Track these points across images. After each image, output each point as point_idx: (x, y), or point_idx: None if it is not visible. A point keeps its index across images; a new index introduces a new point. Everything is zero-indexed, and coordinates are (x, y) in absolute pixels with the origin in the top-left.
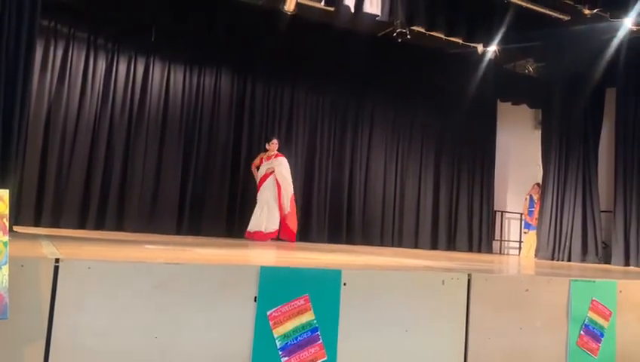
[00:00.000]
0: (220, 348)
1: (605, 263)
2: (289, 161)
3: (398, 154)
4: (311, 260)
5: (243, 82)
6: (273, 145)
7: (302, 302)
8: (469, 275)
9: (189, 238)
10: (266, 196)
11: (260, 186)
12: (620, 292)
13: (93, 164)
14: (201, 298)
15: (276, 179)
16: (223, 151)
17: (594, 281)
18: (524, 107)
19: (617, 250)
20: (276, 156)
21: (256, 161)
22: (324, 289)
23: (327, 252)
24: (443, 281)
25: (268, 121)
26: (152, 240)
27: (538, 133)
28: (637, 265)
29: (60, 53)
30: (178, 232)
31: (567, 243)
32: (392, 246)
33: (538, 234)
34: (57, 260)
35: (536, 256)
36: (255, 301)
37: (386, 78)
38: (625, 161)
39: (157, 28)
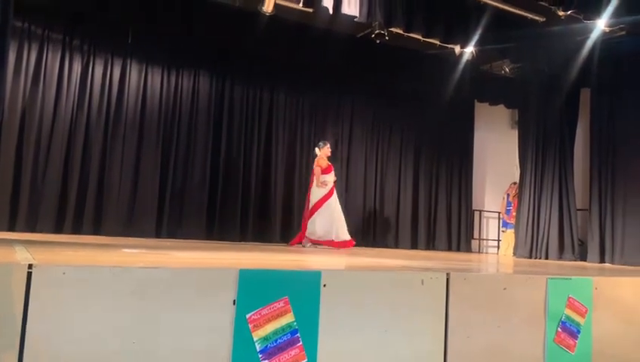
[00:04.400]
0: (199, 353)
1: (581, 260)
2: (269, 162)
3: (378, 154)
4: (291, 262)
5: (221, 84)
6: (329, 149)
7: (281, 304)
8: (447, 275)
9: (169, 241)
10: (338, 204)
11: (331, 195)
12: (596, 289)
13: (69, 167)
14: (179, 302)
15: (334, 187)
16: (201, 153)
17: (570, 279)
18: (501, 107)
19: (593, 248)
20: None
21: (324, 163)
22: (304, 290)
23: (308, 253)
24: (422, 281)
25: (247, 122)
26: (130, 243)
27: (515, 133)
28: (612, 262)
29: (34, 54)
30: (157, 235)
31: (545, 241)
32: (373, 246)
33: (516, 233)
34: (30, 266)
35: (514, 254)
36: (234, 304)
37: (365, 78)
38: (600, 160)
39: (133, 29)
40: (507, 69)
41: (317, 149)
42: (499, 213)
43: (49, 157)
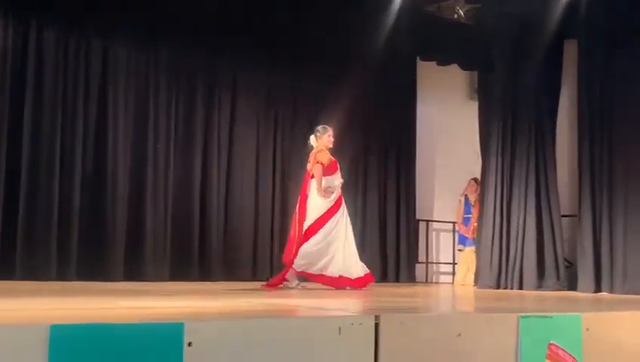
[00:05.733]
0: None
1: (569, 289)
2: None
3: (277, 141)
4: (137, 310)
5: (23, 29)
6: (331, 136)
7: None
8: (376, 318)
9: None
10: (349, 221)
11: (338, 209)
12: (587, 330)
13: None
14: None
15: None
16: None
17: (551, 316)
18: (454, 69)
19: (584, 270)
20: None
21: (325, 159)
22: (157, 353)
23: (165, 295)
24: (339, 329)
25: (66, 89)
26: None
27: (475, 106)
28: (611, 290)
29: None
30: None
31: (518, 264)
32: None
33: (477, 252)
34: None
35: (475, 283)
36: None
37: (257, 29)
38: (591, 144)
39: None
40: (461, 12)
41: (313, 137)
42: (454, 223)
43: None
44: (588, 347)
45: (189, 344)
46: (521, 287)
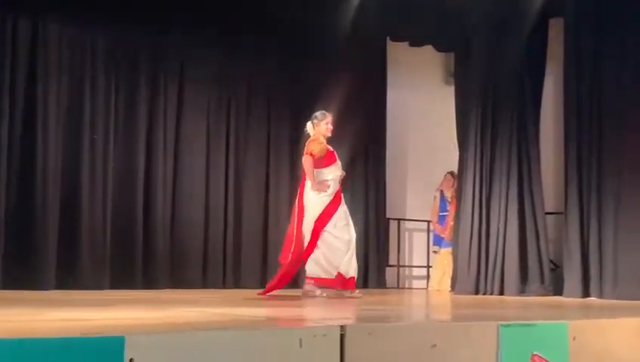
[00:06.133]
0: None
1: (555, 294)
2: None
3: (230, 132)
4: (71, 322)
5: None
6: (329, 124)
7: None
8: (342, 329)
9: None
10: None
11: (338, 205)
12: (574, 339)
13: None
14: None
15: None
16: None
17: (534, 325)
18: (428, 50)
19: (572, 273)
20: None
21: (318, 150)
22: None
23: (105, 305)
24: (300, 341)
25: None
26: None
27: (451, 92)
28: (600, 295)
29: None
30: None
31: (499, 266)
32: (222, 287)
33: (454, 254)
34: None
35: (451, 288)
36: None
37: (208, 4)
38: (580, 131)
39: None
40: None
41: (310, 125)
42: (428, 222)
43: None
44: (575, 358)
45: (131, 360)
46: (502, 293)
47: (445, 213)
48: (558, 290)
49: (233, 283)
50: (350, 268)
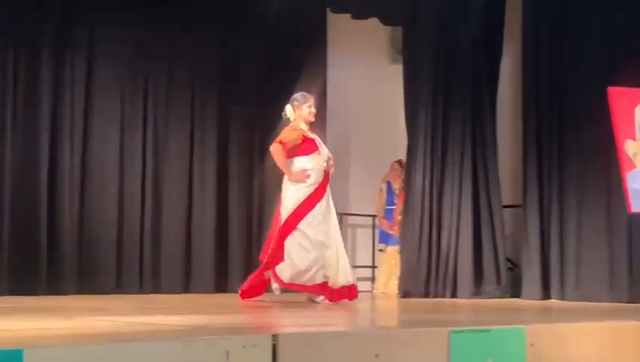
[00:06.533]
0: None
1: (512, 296)
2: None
3: (147, 117)
4: None
5: None
6: (312, 108)
7: None
8: (274, 338)
9: None
10: (334, 217)
11: (322, 195)
12: (532, 346)
13: None
14: None
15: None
16: None
17: (489, 330)
18: (373, 24)
19: (531, 272)
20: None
21: (292, 142)
22: None
23: (2, 314)
24: (227, 353)
25: None
26: None
27: (399, 71)
28: (562, 297)
29: None
30: None
31: (451, 266)
32: (139, 292)
33: (402, 253)
34: None
35: (399, 291)
36: None
37: None
38: (539, 115)
39: None
40: None
41: (289, 108)
42: (374, 217)
43: None
44: None
45: None
46: (454, 295)
47: (392, 207)
48: (515, 292)
49: (152, 288)
50: (339, 275)
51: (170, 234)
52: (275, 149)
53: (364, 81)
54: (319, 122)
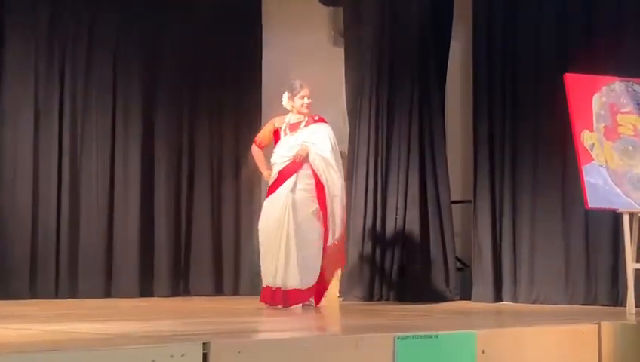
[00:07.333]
0: None
1: (462, 298)
2: None
3: (64, 101)
4: None
5: None
6: (305, 98)
7: None
8: (205, 347)
9: None
10: (290, 214)
11: (271, 192)
12: (483, 352)
13: None
14: None
15: (313, 173)
16: None
17: (436, 336)
18: (312, 3)
19: (482, 273)
20: (315, 121)
21: (264, 138)
22: None
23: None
24: None
25: None
26: None
27: (339, 54)
28: (514, 299)
29: None
30: None
31: (396, 266)
32: (55, 297)
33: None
34: None
35: (340, 294)
36: None
37: None
38: (491, 103)
39: None
40: None
41: (286, 96)
42: None
43: None
44: None
45: None
46: (400, 298)
47: None
48: (465, 294)
49: (69, 293)
50: (266, 274)
51: (89, 232)
52: (253, 151)
53: (302, 65)
54: (253, 108)
